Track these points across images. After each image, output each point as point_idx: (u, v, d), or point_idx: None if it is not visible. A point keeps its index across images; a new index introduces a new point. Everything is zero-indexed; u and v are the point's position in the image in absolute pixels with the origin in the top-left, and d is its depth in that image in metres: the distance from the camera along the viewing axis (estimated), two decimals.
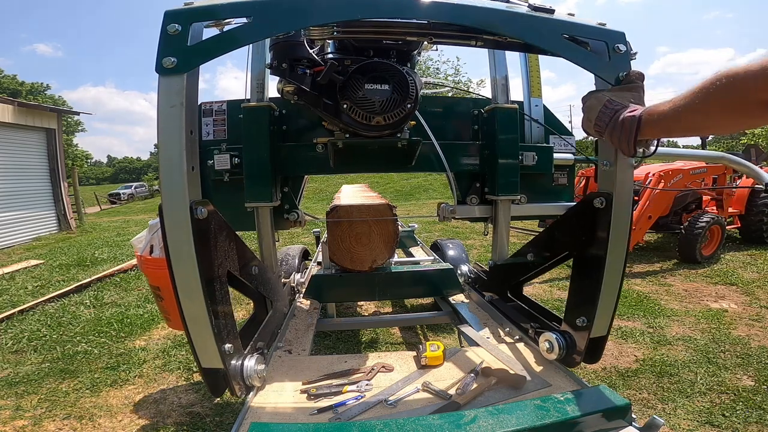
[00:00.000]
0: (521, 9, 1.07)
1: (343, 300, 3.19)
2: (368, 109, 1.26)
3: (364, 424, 0.94)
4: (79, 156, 36.39)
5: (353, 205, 2.09)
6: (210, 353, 1.04)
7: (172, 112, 0.94)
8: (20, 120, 8.75)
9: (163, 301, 1.89)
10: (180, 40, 0.94)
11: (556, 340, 1.25)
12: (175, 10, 0.97)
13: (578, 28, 1.07)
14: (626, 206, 1.09)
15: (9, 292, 4.65)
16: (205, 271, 1.01)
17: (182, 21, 0.94)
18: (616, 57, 1.05)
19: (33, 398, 2.44)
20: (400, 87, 1.27)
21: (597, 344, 1.21)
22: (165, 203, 0.95)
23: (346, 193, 3.13)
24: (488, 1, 1.08)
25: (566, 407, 0.95)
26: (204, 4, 0.98)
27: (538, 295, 3.96)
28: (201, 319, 1.02)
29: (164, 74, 0.94)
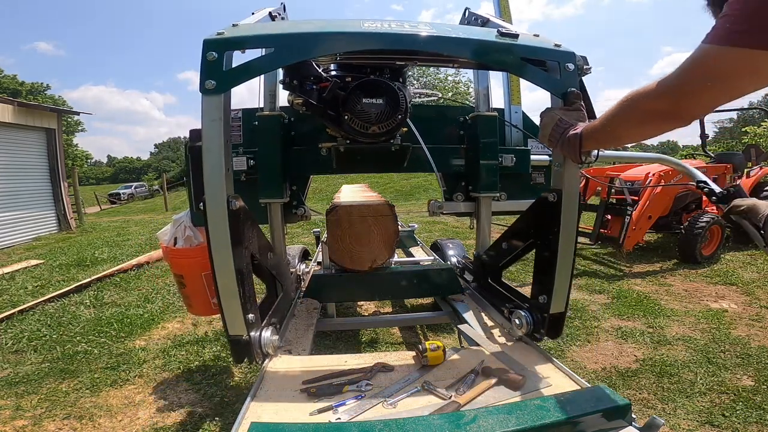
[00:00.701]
0: (491, 36, 1.26)
1: (343, 300, 3.19)
2: (365, 119, 1.46)
3: (364, 424, 0.94)
4: (79, 156, 36.41)
5: (353, 205, 2.09)
6: (237, 322, 1.23)
7: (213, 125, 1.14)
8: (20, 120, 8.75)
9: (185, 288, 2.04)
10: (217, 66, 1.14)
11: (524, 317, 1.45)
12: (213, 39, 1.15)
13: (536, 50, 1.26)
14: (573, 199, 1.31)
15: (9, 292, 4.65)
16: (236, 252, 1.20)
17: (218, 49, 1.13)
18: (566, 74, 1.23)
19: (33, 398, 2.44)
20: (392, 101, 1.47)
21: (557, 320, 1.39)
22: (208, 197, 1.16)
23: (346, 193, 3.13)
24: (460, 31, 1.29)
25: (566, 407, 0.95)
26: (236, 35, 1.17)
27: None
28: (232, 292, 1.21)
29: (206, 94, 1.14)
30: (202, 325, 3.46)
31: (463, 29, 1.36)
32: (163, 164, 50.23)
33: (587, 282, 4.28)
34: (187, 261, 1.98)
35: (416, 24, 1.31)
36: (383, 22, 1.30)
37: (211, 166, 1.16)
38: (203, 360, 2.82)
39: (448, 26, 1.35)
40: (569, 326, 3.19)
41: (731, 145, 22.68)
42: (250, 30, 1.23)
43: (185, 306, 2.26)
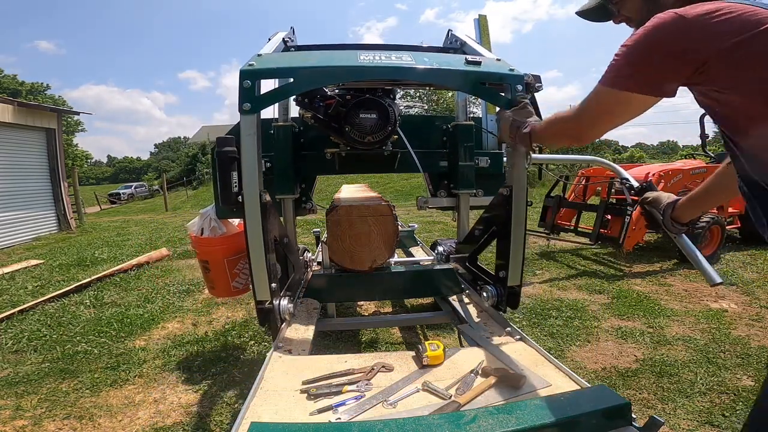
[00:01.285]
0: (458, 64, 1.57)
1: (343, 300, 3.20)
2: (362, 131, 1.80)
3: (364, 424, 0.94)
4: (79, 156, 36.36)
5: (353, 205, 2.09)
6: (264, 289, 1.53)
7: (249, 139, 1.46)
8: (20, 120, 8.74)
9: (210, 273, 2.36)
10: (251, 92, 1.42)
11: (490, 291, 1.72)
12: (247, 70, 1.43)
13: (492, 75, 1.54)
14: (522, 192, 1.60)
15: (9, 292, 4.65)
16: (264, 234, 1.50)
17: (251, 78, 1.42)
18: (515, 94, 1.50)
19: (33, 398, 2.44)
20: (383, 115, 1.81)
21: (514, 292, 1.67)
22: (245, 192, 1.47)
23: (346, 193, 3.13)
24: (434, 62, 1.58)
25: (566, 407, 0.95)
26: (264, 68, 1.46)
27: (538, 295, 3.96)
28: (261, 265, 1.51)
29: (243, 114, 1.43)
30: (202, 325, 3.46)
31: (438, 59, 1.62)
32: (163, 164, 50.18)
33: (587, 282, 4.28)
34: (211, 248, 2.31)
35: (400, 54, 1.61)
36: (375, 54, 1.60)
37: (247, 169, 1.47)
38: (203, 360, 2.82)
39: (426, 56, 1.63)
40: (569, 326, 3.19)
41: None
42: (274, 63, 1.56)
43: (208, 289, 2.57)
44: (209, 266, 2.33)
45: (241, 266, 2.41)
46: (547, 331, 3.12)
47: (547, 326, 3.21)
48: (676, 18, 0.87)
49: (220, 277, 2.33)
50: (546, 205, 5.58)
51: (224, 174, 1.66)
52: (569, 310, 3.49)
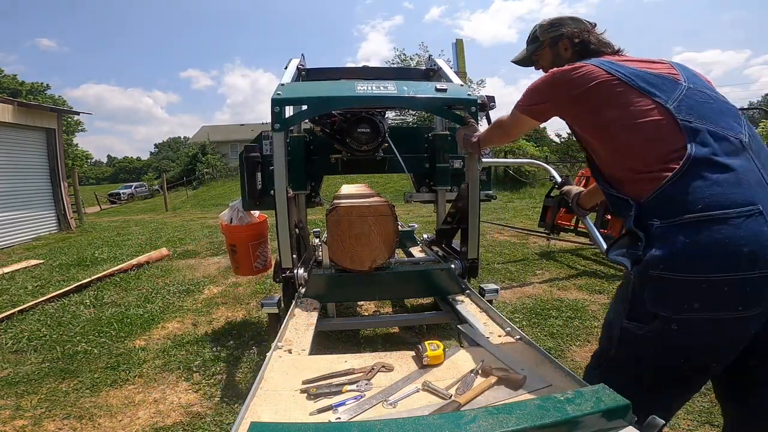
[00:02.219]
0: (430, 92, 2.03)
1: (343, 300, 3.20)
2: (359, 141, 2.34)
3: (364, 424, 0.94)
4: (79, 156, 36.36)
5: (353, 205, 2.09)
6: (287, 260, 2.09)
7: (279, 150, 2.00)
8: (20, 120, 8.74)
9: (237, 255, 2.88)
10: (280, 115, 1.95)
11: (458, 263, 2.23)
12: (277, 98, 1.96)
13: (453, 100, 2.04)
14: (476, 188, 2.11)
15: (9, 292, 4.65)
16: (289, 218, 2.02)
17: (280, 105, 1.96)
18: (470, 113, 2.01)
19: (33, 398, 2.44)
20: (374, 130, 2.32)
21: (473, 265, 2.21)
22: (276, 188, 2.00)
23: (346, 193, 3.13)
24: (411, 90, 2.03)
25: (566, 407, 0.95)
26: (287, 97, 1.99)
27: (538, 295, 3.96)
28: (286, 242, 2.06)
29: (274, 131, 1.97)
30: (202, 325, 3.47)
31: (414, 87, 2.09)
32: (163, 164, 50.20)
33: (587, 282, 4.28)
34: (239, 234, 2.82)
35: (387, 84, 2.08)
36: (368, 84, 2.07)
37: (278, 172, 2.01)
38: (203, 360, 2.82)
39: (405, 85, 2.11)
40: (569, 326, 3.19)
41: None
42: (294, 93, 2.07)
43: (233, 269, 3.14)
44: (236, 249, 2.84)
45: (261, 250, 2.92)
46: (547, 331, 3.12)
47: (547, 326, 3.21)
48: (553, 74, 1.28)
49: (245, 258, 2.86)
50: (546, 205, 5.55)
51: (251, 174, 2.35)
52: (569, 310, 3.49)
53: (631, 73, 1.16)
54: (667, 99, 1.10)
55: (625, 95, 1.13)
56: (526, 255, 5.56)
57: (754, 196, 0.98)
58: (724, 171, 1.01)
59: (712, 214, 0.97)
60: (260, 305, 2.28)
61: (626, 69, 1.17)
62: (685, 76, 1.18)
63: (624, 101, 1.13)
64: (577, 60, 1.29)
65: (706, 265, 0.97)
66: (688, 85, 1.14)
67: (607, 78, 1.16)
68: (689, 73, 1.20)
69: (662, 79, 1.14)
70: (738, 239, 0.95)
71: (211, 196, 20.34)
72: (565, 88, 1.23)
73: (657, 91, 1.11)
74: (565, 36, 1.42)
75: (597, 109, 1.18)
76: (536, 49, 1.54)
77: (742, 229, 0.95)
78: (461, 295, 2.15)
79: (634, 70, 1.17)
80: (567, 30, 1.43)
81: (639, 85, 1.13)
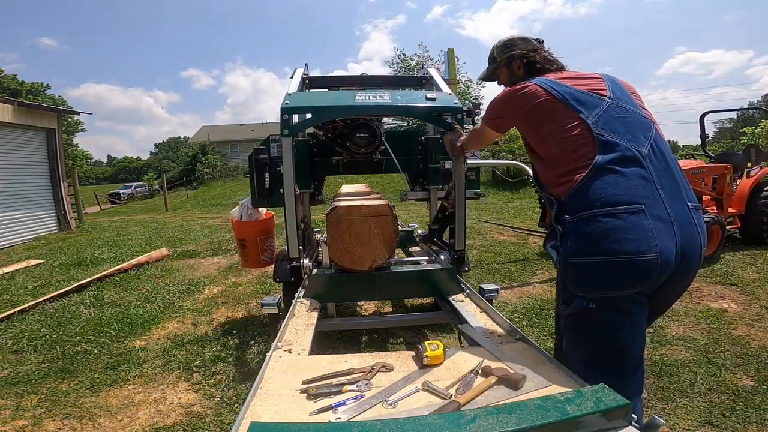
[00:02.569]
0: (420, 100, 2.25)
1: (343, 300, 3.20)
2: (358, 145, 2.56)
3: (364, 424, 0.94)
4: (79, 156, 36.35)
5: (353, 205, 2.09)
6: (295, 250, 2.31)
7: (287, 154, 2.18)
8: (20, 120, 8.73)
9: (246, 249, 3.10)
10: (288, 122, 2.11)
11: (446, 255, 2.43)
12: (286, 107, 2.13)
13: (442, 108, 2.23)
14: (462, 186, 2.30)
15: (9, 292, 4.65)
16: (297, 213, 2.22)
17: (288, 113, 2.12)
18: (457, 119, 2.21)
19: (33, 398, 2.44)
20: (372, 134, 2.55)
21: (461, 256, 2.39)
22: (285, 187, 2.20)
23: (346, 193, 3.13)
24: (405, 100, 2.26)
25: (566, 407, 0.95)
26: (294, 106, 2.15)
27: (538, 295, 3.96)
28: (294, 234, 2.27)
29: (284, 136, 2.13)
30: (202, 325, 3.47)
31: (407, 96, 2.33)
32: (163, 164, 50.18)
33: None
34: (248, 230, 3.04)
35: (383, 94, 2.27)
36: (366, 94, 2.25)
37: (287, 172, 2.20)
38: (203, 360, 2.82)
39: (399, 94, 2.32)
40: None
41: (731, 145, 22.67)
42: (300, 101, 2.26)
43: (242, 262, 3.38)
44: (246, 243, 3.07)
45: (268, 244, 3.13)
46: (547, 331, 3.12)
47: (547, 326, 3.20)
48: (505, 93, 1.52)
49: (253, 251, 3.07)
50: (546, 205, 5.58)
51: (260, 175, 2.58)
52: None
53: (564, 91, 1.37)
54: (589, 115, 1.32)
55: (558, 112, 1.36)
56: (526, 255, 5.55)
57: (639, 197, 1.21)
58: (619, 176, 1.24)
59: (606, 210, 1.22)
60: (260, 305, 2.29)
61: (562, 87, 1.39)
62: (612, 91, 1.39)
63: (557, 117, 1.36)
64: (528, 76, 1.55)
65: (602, 249, 1.21)
66: (611, 101, 1.36)
67: (546, 97, 1.38)
68: (616, 88, 1.41)
69: (589, 96, 1.36)
70: (624, 230, 1.19)
71: (211, 196, 20.33)
72: (514, 105, 1.47)
73: (583, 108, 1.33)
74: (516, 57, 1.63)
75: (538, 125, 1.41)
76: (495, 68, 1.74)
77: (627, 222, 1.20)
78: (461, 295, 2.15)
79: (568, 89, 1.38)
80: (517, 51, 1.63)
81: (569, 102, 1.34)
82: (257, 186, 2.61)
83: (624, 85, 1.46)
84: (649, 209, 1.20)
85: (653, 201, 1.22)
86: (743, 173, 5.64)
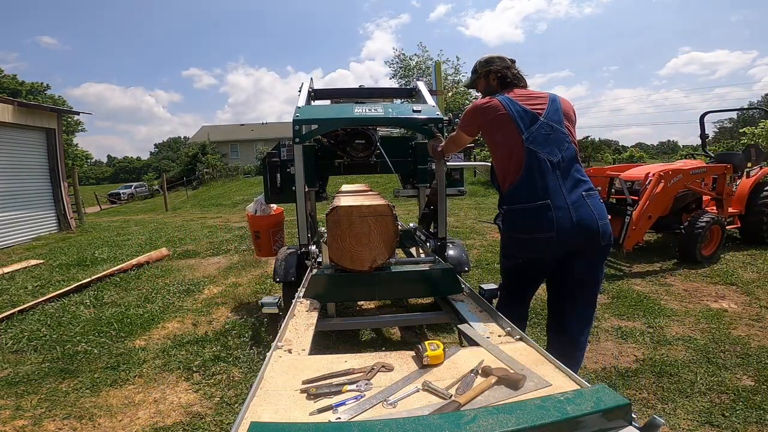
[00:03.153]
0: (408, 113, 2.57)
1: (343, 300, 3.21)
2: (356, 150, 2.84)
3: (364, 424, 0.94)
4: (79, 156, 36.36)
5: (353, 205, 2.09)
6: (304, 237, 2.65)
7: (299, 158, 2.49)
8: (20, 120, 8.73)
9: (259, 240, 3.63)
10: (299, 132, 2.41)
11: (432, 242, 2.73)
12: (297, 119, 2.43)
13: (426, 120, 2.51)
14: (443, 184, 2.58)
15: (9, 292, 4.65)
16: (306, 207, 2.57)
17: (299, 124, 2.42)
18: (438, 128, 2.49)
19: (33, 398, 2.44)
20: (368, 141, 2.82)
21: (443, 242, 2.64)
22: (297, 185, 2.51)
23: (346, 193, 3.13)
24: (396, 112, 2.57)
25: (566, 407, 0.95)
26: (303, 118, 2.45)
27: (538, 295, 3.92)
28: (304, 224, 2.62)
29: (295, 144, 2.44)
30: (202, 325, 3.47)
31: (397, 109, 2.66)
32: (163, 164, 50.17)
33: None
34: (262, 223, 3.58)
35: (377, 107, 2.61)
36: (363, 107, 2.58)
37: (298, 173, 2.54)
38: (203, 360, 2.82)
39: (390, 107, 2.69)
40: None
41: (731, 145, 22.66)
42: (308, 114, 2.59)
43: (256, 252, 3.90)
44: (260, 235, 3.61)
45: (279, 236, 3.63)
46: None
47: None
48: (475, 105, 1.93)
49: (266, 242, 3.60)
50: None
51: (272, 175, 3.05)
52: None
53: (515, 110, 1.82)
54: (524, 131, 1.79)
55: (507, 126, 1.82)
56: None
57: (547, 195, 1.76)
58: (537, 179, 1.77)
59: (525, 205, 1.80)
60: (260, 305, 2.29)
61: (515, 106, 1.83)
62: (548, 112, 1.84)
63: (506, 130, 1.82)
64: (500, 88, 1.99)
65: (523, 230, 1.84)
66: (543, 120, 1.82)
67: (503, 112, 1.82)
68: (553, 108, 1.86)
69: (530, 115, 1.82)
70: (534, 218, 1.78)
71: (211, 196, 20.32)
72: (481, 116, 1.91)
73: (523, 126, 1.80)
74: (493, 71, 2.01)
75: (494, 132, 1.88)
76: (476, 79, 2.11)
77: (537, 213, 1.77)
78: (461, 295, 2.15)
79: (518, 107, 1.83)
80: (494, 67, 2.01)
81: (516, 120, 1.80)
82: (270, 185, 3.08)
83: (562, 104, 1.90)
84: (553, 202, 1.75)
85: (557, 195, 1.76)
86: (743, 173, 5.64)
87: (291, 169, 2.94)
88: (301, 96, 2.95)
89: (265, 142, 32.44)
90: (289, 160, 3.02)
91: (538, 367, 1.31)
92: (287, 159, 3.05)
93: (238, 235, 7.59)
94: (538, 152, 1.76)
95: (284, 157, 3.07)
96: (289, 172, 2.99)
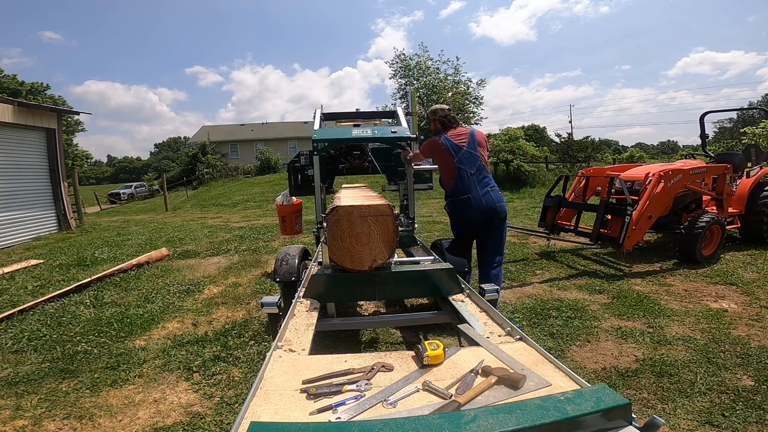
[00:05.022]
0: (388, 133, 3.48)
1: (343, 300, 3.20)
2: (354, 158, 3.94)
3: (364, 424, 0.94)
4: (79, 156, 36.35)
5: (353, 205, 2.09)
6: (319, 216, 3.49)
7: (317, 167, 3.43)
8: (20, 120, 8.73)
9: (285, 222, 4.68)
10: (317, 147, 3.39)
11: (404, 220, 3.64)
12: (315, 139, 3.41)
13: (400, 138, 3.42)
14: (411, 180, 3.69)
15: (9, 292, 4.65)
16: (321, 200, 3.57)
17: (317, 142, 3.39)
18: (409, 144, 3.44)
19: (33, 398, 2.44)
20: (363, 152, 3.92)
21: (412, 220, 3.68)
22: (315, 182, 3.47)
23: (346, 193, 3.13)
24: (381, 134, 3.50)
25: (566, 407, 0.95)
26: (318, 138, 3.40)
27: (538, 295, 3.96)
28: (320, 207, 3.54)
29: (314, 155, 3.41)
30: (202, 325, 3.46)
31: (381, 130, 3.53)
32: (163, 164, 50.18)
33: (587, 282, 4.28)
34: (288, 210, 4.63)
35: (368, 129, 3.52)
36: (359, 130, 3.49)
37: (316, 174, 3.41)
38: (203, 360, 2.82)
39: (377, 129, 3.56)
40: (569, 326, 3.19)
41: (731, 145, 22.65)
42: (322, 135, 3.43)
43: (281, 231, 4.84)
44: (285, 219, 4.66)
45: (298, 220, 4.73)
46: (547, 331, 3.12)
47: (547, 326, 3.21)
48: (429, 142, 3.15)
49: (290, 224, 4.67)
50: (546, 205, 5.57)
51: (295, 176, 4.15)
52: (569, 310, 3.50)
53: (450, 144, 3.01)
54: (455, 156, 2.99)
55: (445, 154, 3.01)
56: (526, 255, 5.56)
57: (468, 192, 2.99)
58: (463, 183, 3.00)
59: (457, 198, 3.05)
60: (260, 305, 2.29)
61: (450, 142, 3.01)
62: (469, 143, 3.02)
63: (445, 156, 3.02)
64: (442, 128, 3.13)
65: (458, 211, 3.08)
66: (465, 149, 3.00)
67: (444, 147, 3.02)
68: (472, 140, 3.04)
69: (458, 146, 3.00)
70: (463, 206, 3.02)
71: (211, 196, 20.31)
72: (431, 149, 3.11)
73: (454, 153, 2.99)
74: (437, 118, 3.16)
75: (438, 157, 3.09)
76: (429, 121, 3.23)
77: (464, 203, 3.01)
78: (461, 295, 2.15)
79: (452, 143, 3.01)
80: (437, 116, 3.15)
81: (450, 150, 3.00)
82: (293, 183, 4.18)
83: (477, 136, 3.09)
84: (472, 195, 2.97)
85: (474, 191, 2.97)
86: (743, 173, 5.64)
87: (309, 171, 4.07)
88: (316, 120, 3.90)
89: (266, 142, 32.43)
90: (306, 165, 4.14)
91: (538, 367, 1.31)
92: (305, 164, 4.14)
93: (238, 235, 7.59)
94: (462, 168, 2.98)
95: (303, 162, 4.16)
96: (307, 173, 4.10)
